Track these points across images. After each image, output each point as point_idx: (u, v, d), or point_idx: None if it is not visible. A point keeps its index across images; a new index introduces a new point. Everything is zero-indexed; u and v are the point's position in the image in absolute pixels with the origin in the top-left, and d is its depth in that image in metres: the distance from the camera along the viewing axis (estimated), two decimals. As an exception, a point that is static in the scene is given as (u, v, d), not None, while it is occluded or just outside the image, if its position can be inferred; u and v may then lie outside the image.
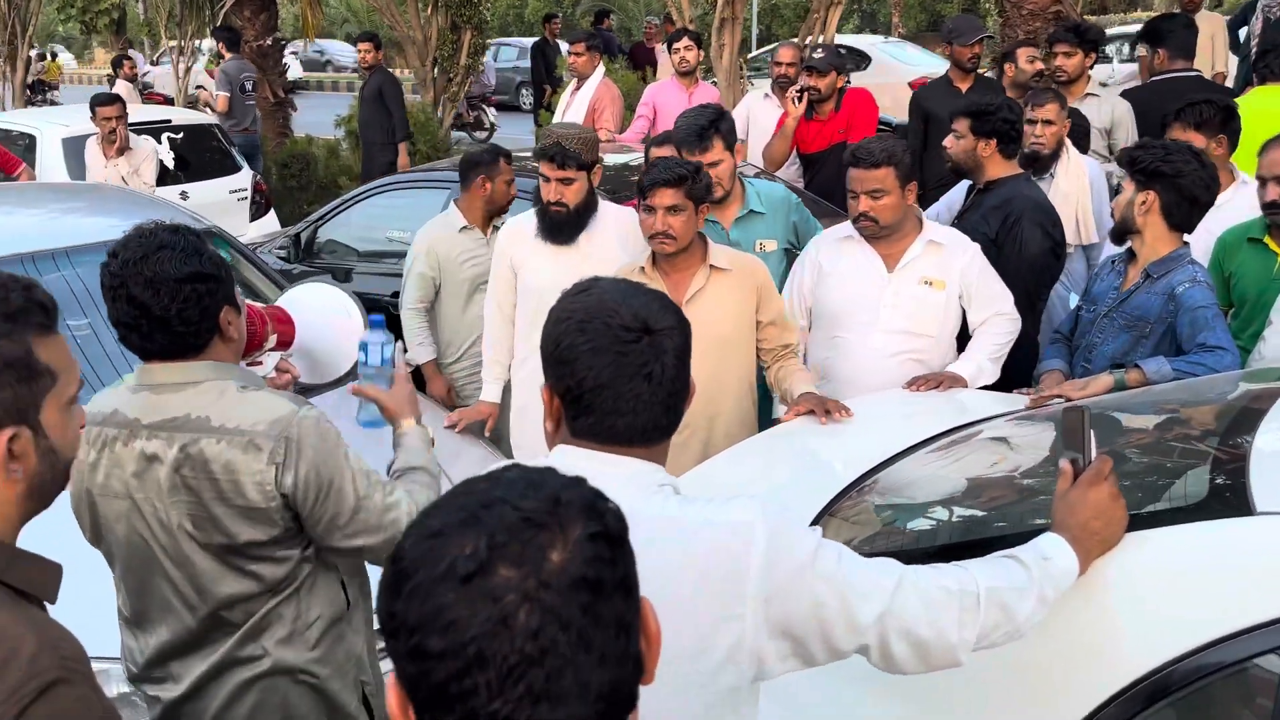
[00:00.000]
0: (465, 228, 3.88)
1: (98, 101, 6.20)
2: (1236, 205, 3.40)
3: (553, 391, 1.35)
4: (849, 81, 5.75)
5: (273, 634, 1.80)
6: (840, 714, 1.75)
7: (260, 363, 1.95)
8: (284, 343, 2.01)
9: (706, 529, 1.28)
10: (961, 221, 3.62)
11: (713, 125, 3.41)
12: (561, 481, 0.81)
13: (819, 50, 5.55)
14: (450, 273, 3.86)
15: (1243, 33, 6.83)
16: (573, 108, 6.49)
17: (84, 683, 1.07)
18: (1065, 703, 1.53)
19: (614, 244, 3.25)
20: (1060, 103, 4.08)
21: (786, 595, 1.26)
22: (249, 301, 1.84)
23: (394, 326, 4.61)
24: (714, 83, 7.23)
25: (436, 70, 10.05)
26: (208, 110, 9.77)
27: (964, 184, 3.85)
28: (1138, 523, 1.62)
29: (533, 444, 3.45)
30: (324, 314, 2.13)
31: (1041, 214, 3.49)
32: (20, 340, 1.14)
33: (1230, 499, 1.60)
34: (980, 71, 5.53)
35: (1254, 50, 6.03)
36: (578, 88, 6.59)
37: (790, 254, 3.58)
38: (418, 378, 3.97)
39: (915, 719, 1.66)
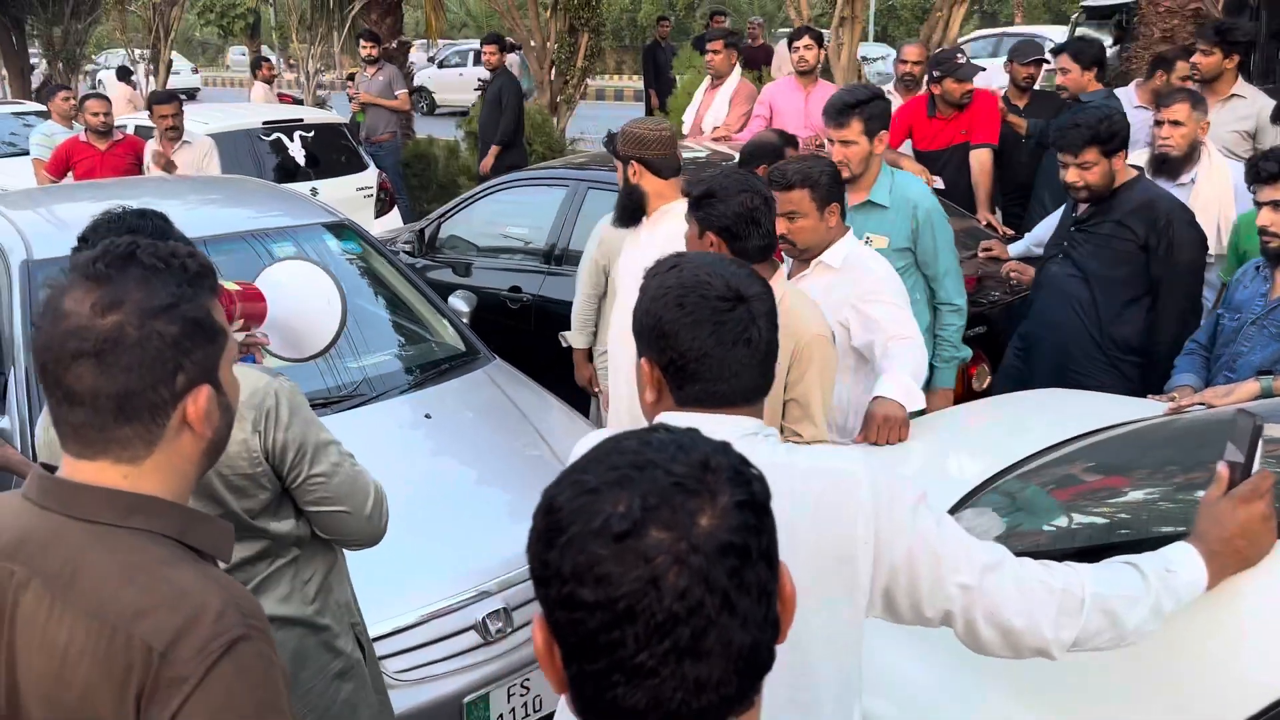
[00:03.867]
0: None
1: (155, 100, 6.25)
2: None
3: (653, 364, 1.41)
4: None
5: (273, 594, 1.91)
6: (941, 685, 1.73)
7: None
8: (254, 318, 2.06)
9: (816, 475, 1.34)
10: (1083, 232, 3.41)
11: (856, 106, 3.30)
12: (710, 447, 0.84)
13: (960, 56, 5.45)
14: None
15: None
16: (714, 106, 6.49)
17: (263, 639, 1.11)
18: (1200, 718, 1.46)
19: (661, 239, 3.08)
20: (1192, 102, 3.83)
21: (886, 543, 1.31)
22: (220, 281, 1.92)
23: (503, 318, 4.77)
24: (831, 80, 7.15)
25: (554, 73, 10.21)
26: (333, 109, 10.06)
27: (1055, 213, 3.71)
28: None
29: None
30: (300, 292, 2.16)
31: (1189, 213, 3.31)
32: (200, 303, 1.19)
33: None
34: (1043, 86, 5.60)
35: None
36: (714, 86, 6.59)
37: (908, 255, 3.41)
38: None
39: (1030, 713, 1.62)
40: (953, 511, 2.20)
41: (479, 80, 9.06)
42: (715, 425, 1.35)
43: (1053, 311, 3.44)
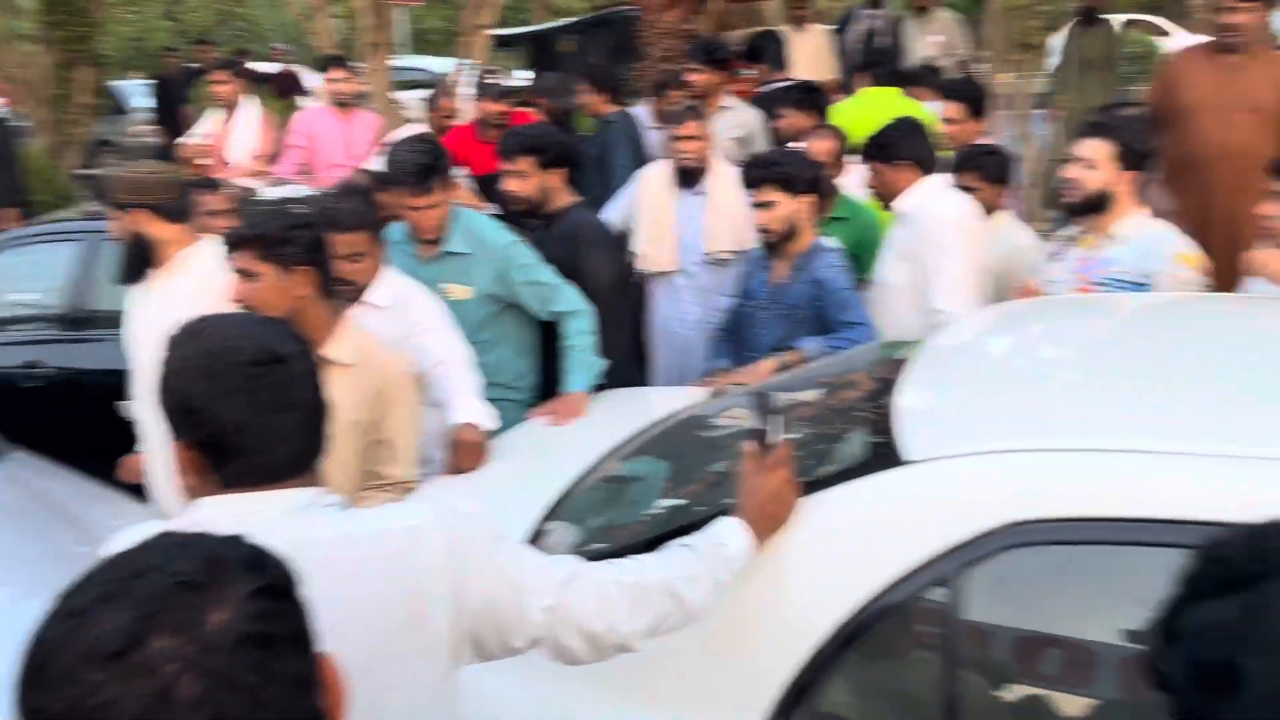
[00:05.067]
0: None
1: None
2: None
3: (187, 445, 1.28)
4: None
5: None
6: (542, 708, 1.77)
7: None
8: None
9: (383, 538, 1.29)
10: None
11: (434, 165, 3.12)
12: (218, 540, 0.78)
13: (492, 77, 5.61)
14: None
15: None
16: (239, 137, 6.07)
17: None
18: (768, 668, 1.63)
19: (186, 290, 2.87)
20: (699, 118, 4.23)
21: (465, 592, 1.30)
22: None
23: (21, 400, 4.14)
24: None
25: (54, 112, 9.06)
26: None
27: None
28: (812, 486, 1.76)
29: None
30: None
31: (609, 241, 3.56)
32: None
33: (884, 454, 1.79)
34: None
35: (856, 56, 6.82)
36: (227, 118, 6.19)
37: (497, 302, 3.29)
38: None
39: (627, 710, 1.72)
40: (544, 521, 2.26)
41: None
42: (264, 503, 1.27)
43: None
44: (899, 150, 3.37)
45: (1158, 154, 3.76)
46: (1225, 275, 3.24)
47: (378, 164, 5.33)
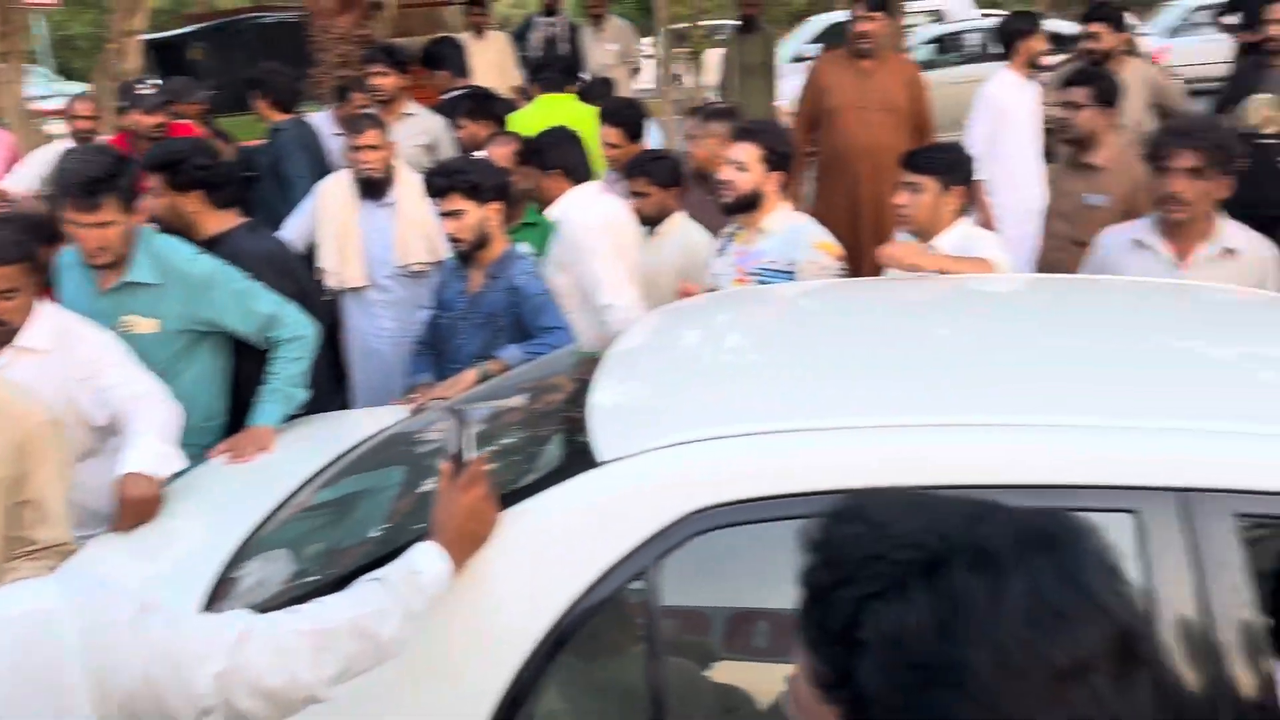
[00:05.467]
0: None
1: None
2: None
3: None
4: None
5: None
6: None
7: None
8: None
9: (2, 627, 1.16)
10: None
11: (106, 178, 2.74)
12: None
13: (141, 86, 5.15)
14: None
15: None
16: None
17: None
18: (477, 687, 1.61)
19: None
20: (380, 127, 4.10)
21: (110, 675, 1.19)
22: None
23: None
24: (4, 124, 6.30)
25: None
26: None
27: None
28: (515, 496, 1.77)
29: None
30: None
31: (276, 266, 3.25)
32: None
33: (581, 456, 1.83)
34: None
35: (537, 63, 6.95)
36: None
37: (188, 335, 2.99)
38: None
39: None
40: (232, 565, 2.11)
41: None
42: None
43: None
44: (549, 158, 3.51)
45: (800, 154, 4.12)
46: (874, 260, 3.61)
47: (19, 183, 4.81)
